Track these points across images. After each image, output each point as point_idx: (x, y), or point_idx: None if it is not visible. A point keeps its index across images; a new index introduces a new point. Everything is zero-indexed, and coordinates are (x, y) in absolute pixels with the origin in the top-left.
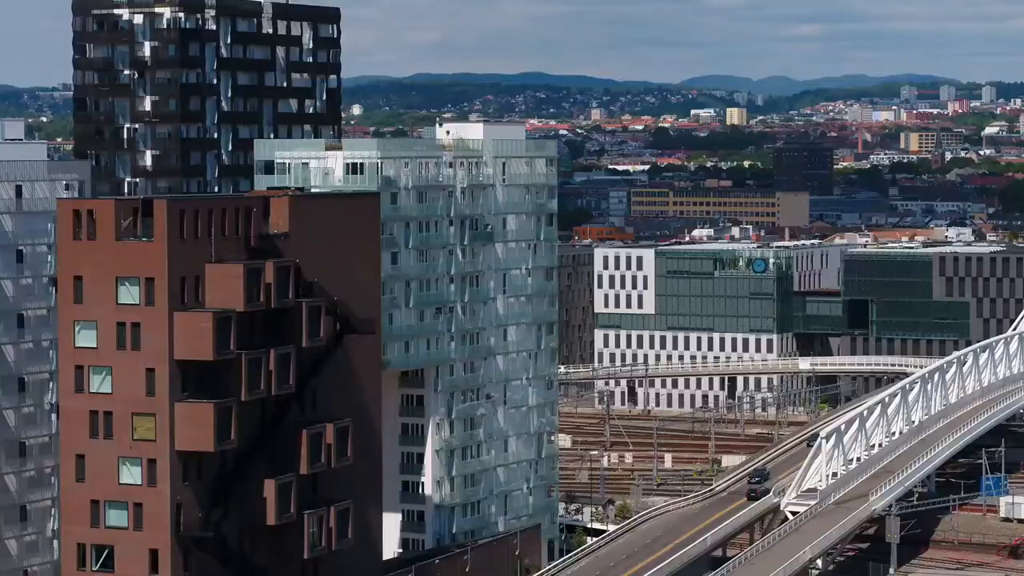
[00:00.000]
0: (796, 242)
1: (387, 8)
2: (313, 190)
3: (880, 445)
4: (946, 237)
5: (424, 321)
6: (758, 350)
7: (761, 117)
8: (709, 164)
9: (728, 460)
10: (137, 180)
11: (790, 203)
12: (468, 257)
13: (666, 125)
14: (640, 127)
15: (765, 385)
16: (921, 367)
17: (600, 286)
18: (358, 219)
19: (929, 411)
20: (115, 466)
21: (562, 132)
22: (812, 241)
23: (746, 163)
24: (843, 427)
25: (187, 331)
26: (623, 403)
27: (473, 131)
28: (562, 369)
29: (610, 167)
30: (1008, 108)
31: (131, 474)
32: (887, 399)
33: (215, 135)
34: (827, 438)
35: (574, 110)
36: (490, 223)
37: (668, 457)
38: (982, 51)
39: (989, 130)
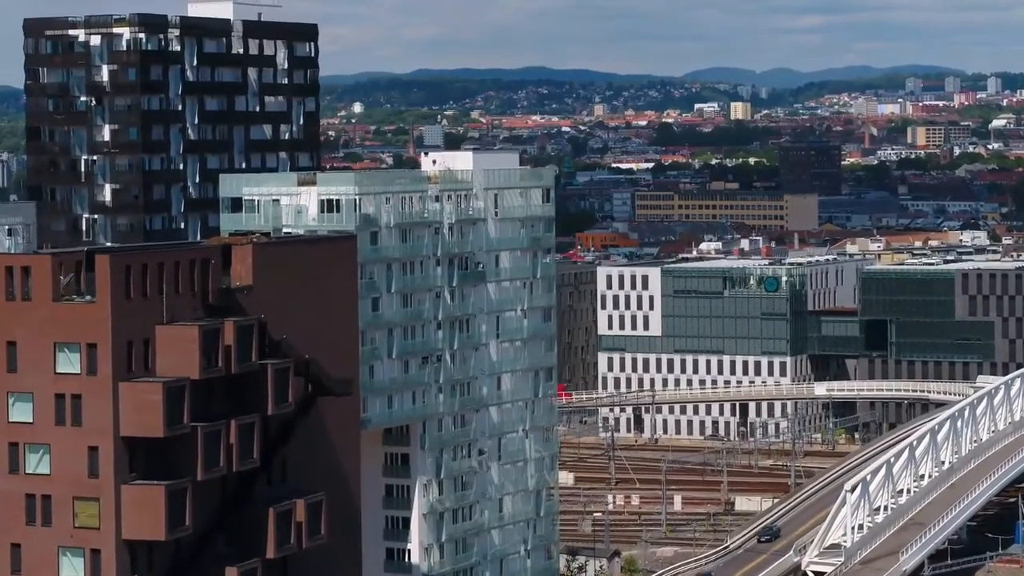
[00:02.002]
0: (809, 257)
1: (387, 4)
2: (285, 230)
3: (909, 492)
4: (960, 240)
5: (409, 372)
6: (771, 373)
7: (766, 111)
8: (714, 162)
9: (742, 502)
10: (96, 216)
11: (798, 206)
12: (457, 299)
13: (670, 120)
14: (643, 123)
15: (779, 411)
16: (944, 392)
17: (603, 307)
18: (332, 264)
19: (960, 451)
20: (55, 557)
21: (565, 129)
22: (826, 256)
23: (752, 160)
24: (869, 477)
25: (134, 404)
26: (629, 430)
27: (462, 161)
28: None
29: (613, 165)
30: (1015, 100)
31: (72, 566)
32: (915, 443)
33: (181, 166)
34: (852, 489)
35: (576, 105)
36: (481, 261)
37: (677, 499)
38: (986, 41)
39: (996, 123)
